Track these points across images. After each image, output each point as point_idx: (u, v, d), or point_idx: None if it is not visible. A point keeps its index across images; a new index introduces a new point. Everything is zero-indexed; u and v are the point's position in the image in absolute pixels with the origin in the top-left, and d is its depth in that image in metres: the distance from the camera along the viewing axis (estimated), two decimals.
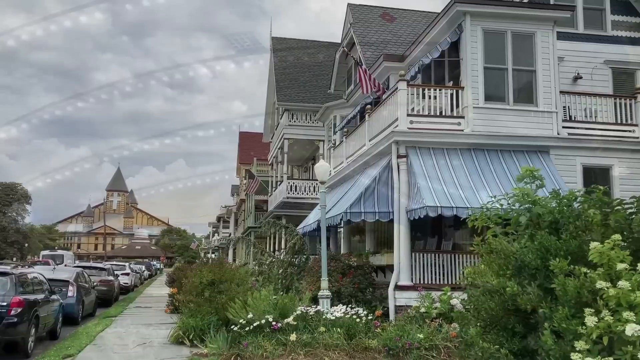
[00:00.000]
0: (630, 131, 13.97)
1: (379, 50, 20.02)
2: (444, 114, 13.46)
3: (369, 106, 15.98)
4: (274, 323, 10.08)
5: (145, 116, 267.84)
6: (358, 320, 10.34)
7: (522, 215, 6.41)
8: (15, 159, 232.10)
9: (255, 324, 10.05)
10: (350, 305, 10.86)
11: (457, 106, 13.41)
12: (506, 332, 6.11)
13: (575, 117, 14.13)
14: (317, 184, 28.29)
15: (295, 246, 14.92)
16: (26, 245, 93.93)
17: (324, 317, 10.36)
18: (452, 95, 13.45)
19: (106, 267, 24.72)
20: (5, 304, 10.14)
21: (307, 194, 27.66)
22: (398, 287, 12.41)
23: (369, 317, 10.62)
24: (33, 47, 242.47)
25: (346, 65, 24.77)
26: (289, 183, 27.74)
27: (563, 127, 13.61)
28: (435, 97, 13.47)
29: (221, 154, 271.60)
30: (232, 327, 10.55)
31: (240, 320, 10.28)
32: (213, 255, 51.92)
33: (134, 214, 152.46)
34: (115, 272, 27.51)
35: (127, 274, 32.28)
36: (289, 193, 27.45)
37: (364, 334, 10.13)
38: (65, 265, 30.13)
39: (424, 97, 13.51)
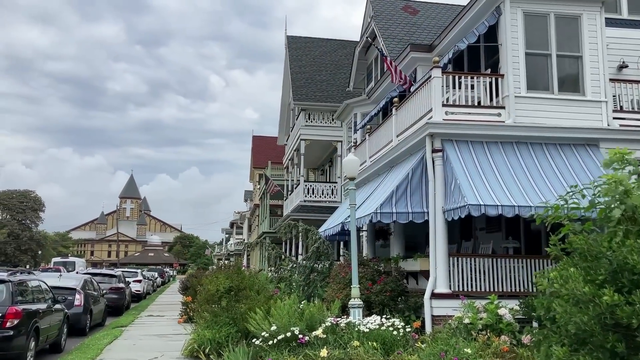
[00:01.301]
0: None
1: (403, 43, 18.87)
2: (482, 104, 12.27)
3: (395, 99, 14.82)
4: (300, 336, 8.93)
5: (158, 124, 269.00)
6: (395, 332, 9.16)
7: (616, 208, 5.22)
8: (30, 167, 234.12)
9: (279, 337, 8.91)
10: (385, 316, 9.66)
11: (497, 96, 12.22)
12: (603, 353, 4.91)
13: (626, 108, 12.87)
14: (334, 186, 27.17)
15: (318, 250, 13.74)
16: (39, 252, 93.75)
17: (356, 329, 9.19)
18: (490, 84, 12.27)
19: (117, 274, 23.73)
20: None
21: (325, 197, 26.51)
22: (435, 295, 11.20)
23: (407, 329, 9.42)
24: (49, 57, 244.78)
25: (366, 61, 23.66)
26: (305, 186, 26.60)
27: (614, 118, 12.36)
28: (472, 86, 12.28)
29: (234, 161, 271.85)
30: (253, 340, 9.42)
31: (263, 333, 9.13)
32: (227, 262, 50.75)
33: (147, 221, 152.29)
34: (127, 279, 26.56)
35: (139, 281, 31.36)
36: (306, 196, 26.29)
37: (403, 349, 8.96)
38: (77, 273, 29.22)
39: (459, 86, 12.31)
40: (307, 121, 26.79)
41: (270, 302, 10.68)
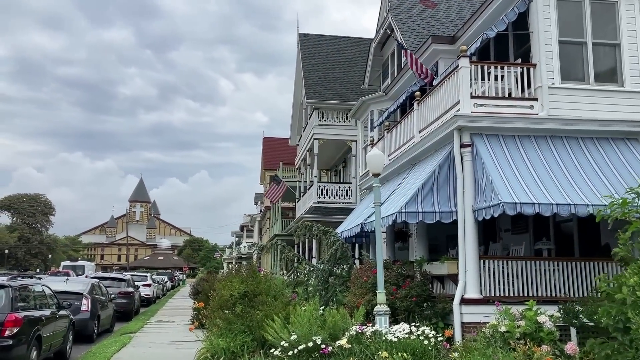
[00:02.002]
0: None
1: (422, 37, 18.12)
2: (512, 95, 11.48)
3: (417, 92, 14.05)
4: (323, 346, 8.18)
5: (168, 128, 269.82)
6: (426, 342, 8.38)
7: None
8: (42, 171, 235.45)
9: (300, 347, 8.16)
10: (415, 324, 8.87)
11: (529, 87, 11.42)
12: None
13: None
14: (349, 187, 26.41)
15: (337, 253, 12.97)
16: (50, 256, 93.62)
17: (383, 338, 8.42)
18: (521, 74, 11.46)
19: (126, 278, 23.09)
20: None
21: (340, 198, 25.77)
22: (464, 301, 10.41)
23: (438, 338, 8.64)
24: (59, 61, 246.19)
25: (381, 58, 22.89)
26: (319, 186, 25.85)
27: None
28: (502, 77, 11.50)
29: (244, 164, 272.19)
30: (271, 350, 8.67)
31: (282, 343, 8.39)
32: (240, 265, 49.89)
33: (156, 225, 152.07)
34: (136, 283, 25.93)
35: (149, 285, 30.74)
36: (319, 197, 25.55)
37: None
38: (86, 277, 28.67)
39: (488, 77, 11.52)
40: (320, 120, 26.08)
41: (288, 308, 9.94)
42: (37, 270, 79.49)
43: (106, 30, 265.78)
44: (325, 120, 26.16)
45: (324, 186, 26.14)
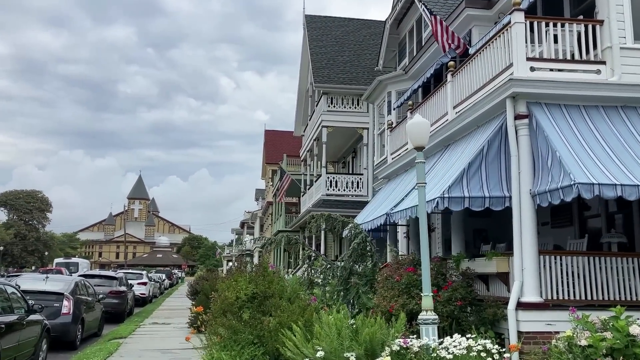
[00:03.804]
0: None
1: (447, 7, 16.22)
2: (575, 58, 9.56)
3: (452, 63, 12.13)
4: None
5: (169, 126, 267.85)
6: (489, 359, 6.48)
7: None
8: (43, 169, 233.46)
9: None
10: (471, 335, 6.95)
11: (594, 48, 9.51)
12: None
13: None
14: (360, 179, 24.50)
15: (359, 247, 11.07)
16: (46, 253, 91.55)
17: (434, 354, 6.52)
18: (585, 33, 9.54)
19: (118, 276, 21.15)
20: None
21: (349, 190, 23.87)
22: (522, 305, 8.54)
23: (503, 354, 6.73)
24: (61, 60, 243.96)
25: (397, 36, 20.97)
26: (328, 177, 23.94)
27: None
28: (561, 37, 9.57)
29: (244, 163, 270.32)
30: None
31: None
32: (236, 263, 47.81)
33: (155, 222, 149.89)
34: (130, 282, 24.00)
35: (144, 284, 28.81)
36: (328, 189, 23.66)
37: None
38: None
39: (544, 39, 9.60)
40: (329, 106, 24.15)
41: (307, 314, 8.03)
42: (33, 268, 77.57)
43: (108, 29, 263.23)
44: (334, 106, 24.25)
45: (333, 177, 24.26)
